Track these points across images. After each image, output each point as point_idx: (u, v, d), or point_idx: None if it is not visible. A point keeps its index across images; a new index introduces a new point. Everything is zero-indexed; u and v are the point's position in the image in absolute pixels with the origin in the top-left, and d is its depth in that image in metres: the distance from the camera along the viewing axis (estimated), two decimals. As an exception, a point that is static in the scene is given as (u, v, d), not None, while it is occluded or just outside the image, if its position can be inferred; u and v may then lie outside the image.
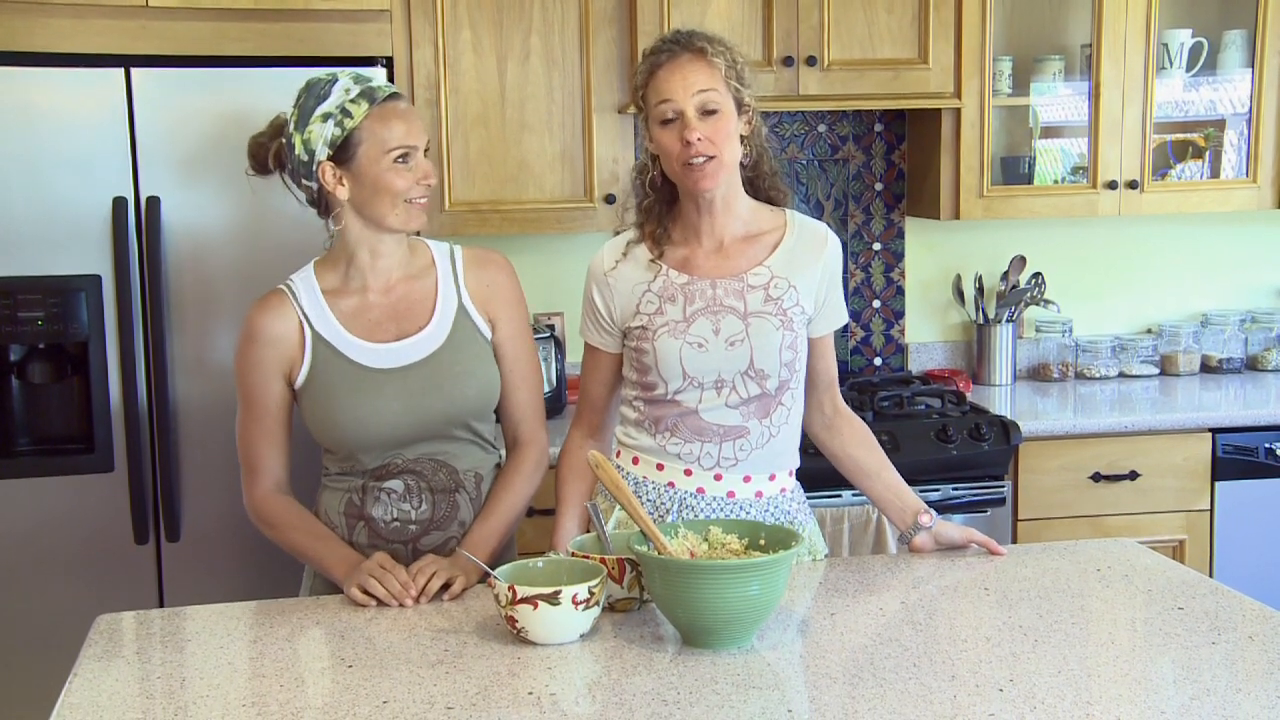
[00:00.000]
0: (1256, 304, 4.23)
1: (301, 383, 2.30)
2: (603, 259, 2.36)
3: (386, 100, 2.25)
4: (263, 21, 3.04)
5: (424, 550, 2.31)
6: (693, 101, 2.21)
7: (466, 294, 2.36)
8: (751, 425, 2.30)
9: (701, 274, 2.30)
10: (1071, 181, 3.88)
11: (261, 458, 2.33)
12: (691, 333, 2.27)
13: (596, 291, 2.36)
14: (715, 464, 2.30)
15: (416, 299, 2.34)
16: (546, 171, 3.47)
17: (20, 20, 2.93)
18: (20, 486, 2.96)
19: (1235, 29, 3.86)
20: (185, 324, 2.98)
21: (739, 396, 2.28)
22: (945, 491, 3.38)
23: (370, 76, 2.30)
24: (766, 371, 2.28)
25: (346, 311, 2.32)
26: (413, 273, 2.36)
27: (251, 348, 2.31)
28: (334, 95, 2.24)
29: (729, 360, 2.27)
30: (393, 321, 2.32)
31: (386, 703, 1.74)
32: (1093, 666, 1.84)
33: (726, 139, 2.23)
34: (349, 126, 2.23)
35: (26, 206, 2.89)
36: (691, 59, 2.23)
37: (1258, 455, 3.54)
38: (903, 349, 4.09)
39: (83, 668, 1.90)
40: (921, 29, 3.57)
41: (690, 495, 2.31)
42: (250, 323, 2.32)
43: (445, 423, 2.32)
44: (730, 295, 2.29)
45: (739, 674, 1.81)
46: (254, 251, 2.98)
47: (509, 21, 3.41)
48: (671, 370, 2.28)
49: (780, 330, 2.28)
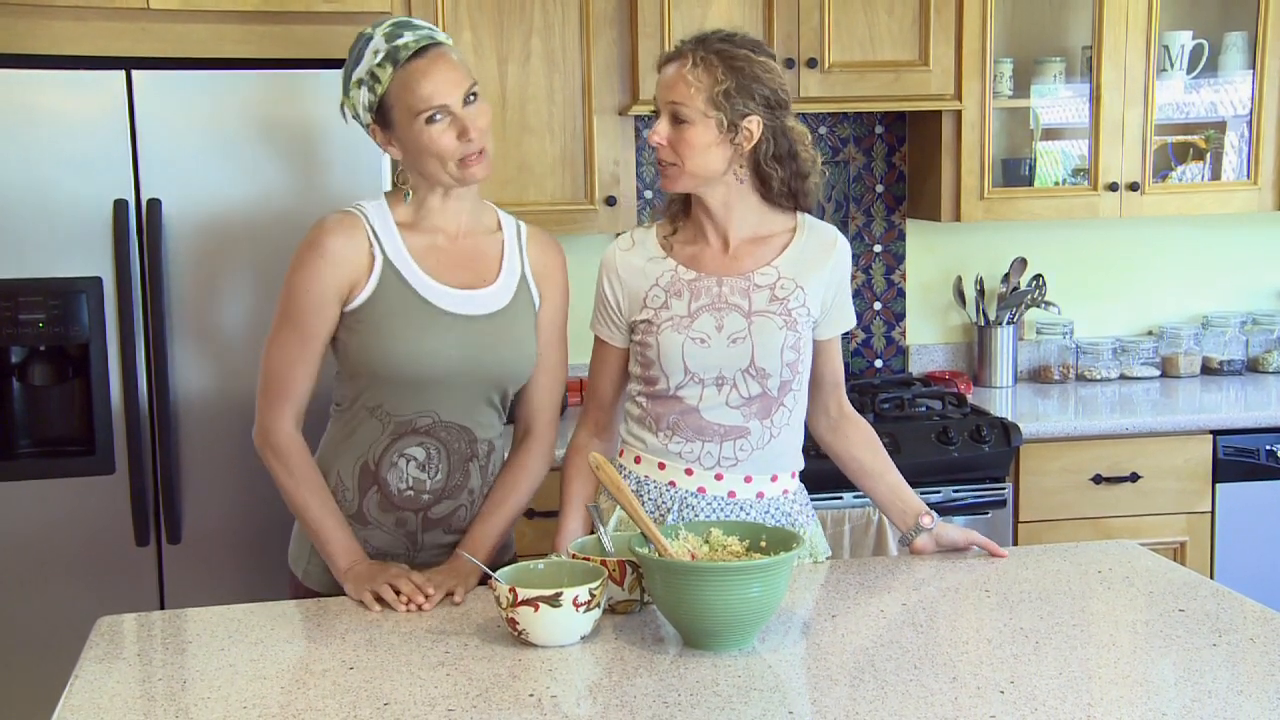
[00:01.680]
0: (1257, 306, 4.23)
1: (358, 305, 2.24)
2: (615, 251, 2.39)
3: (411, 59, 2.18)
4: (264, 24, 3.04)
5: (433, 519, 2.31)
6: (666, 108, 2.23)
7: (529, 264, 2.36)
8: (752, 425, 2.30)
9: (709, 271, 2.31)
10: (1072, 183, 3.88)
11: (294, 381, 2.26)
12: (695, 328, 2.28)
13: (607, 283, 2.38)
14: (716, 463, 2.31)
15: (484, 253, 2.33)
16: (547, 173, 3.47)
17: (21, 22, 2.93)
18: (21, 488, 2.95)
19: (1236, 31, 3.86)
20: (186, 326, 2.98)
21: (740, 395, 2.29)
22: (946, 493, 3.38)
23: (401, 28, 2.21)
24: (768, 370, 2.28)
25: (418, 247, 2.28)
26: (484, 226, 2.35)
27: (317, 263, 2.23)
28: (365, 59, 2.20)
29: (730, 357, 2.28)
30: (460, 268, 2.30)
31: (387, 704, 1.74)
32: (1094, 668, 1.84)
33: (690, 150, 2.22)
34: (379, 92, 2.19)
35: (27, 208, 2.89)
36: (681, 66, 2.22)
37: (1259, 457, 3.54)
38: (903, 351, 4.08)
39: (84, 670, 1.90)
40: (922, 31, 3.57)
41: (691, 495, 2.31)
42: (318, 238, 2.25)
43: (488, 384, 2.31)
44: (735, 293, 2.29)
45: (740, 676, 1.81)
46: (255, 253, 2.98)
47: (510, 23, 3.41)
48: (674, 365, 2.29)
49: (783, 330, 2.28)
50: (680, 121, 2.22)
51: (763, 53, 2.27)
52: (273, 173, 2.98)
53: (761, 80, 2.22)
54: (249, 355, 2.99)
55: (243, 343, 2.99)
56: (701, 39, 2.25)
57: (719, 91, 2.20)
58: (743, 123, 2.22)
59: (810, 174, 2.33)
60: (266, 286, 2.97)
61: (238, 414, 3.01)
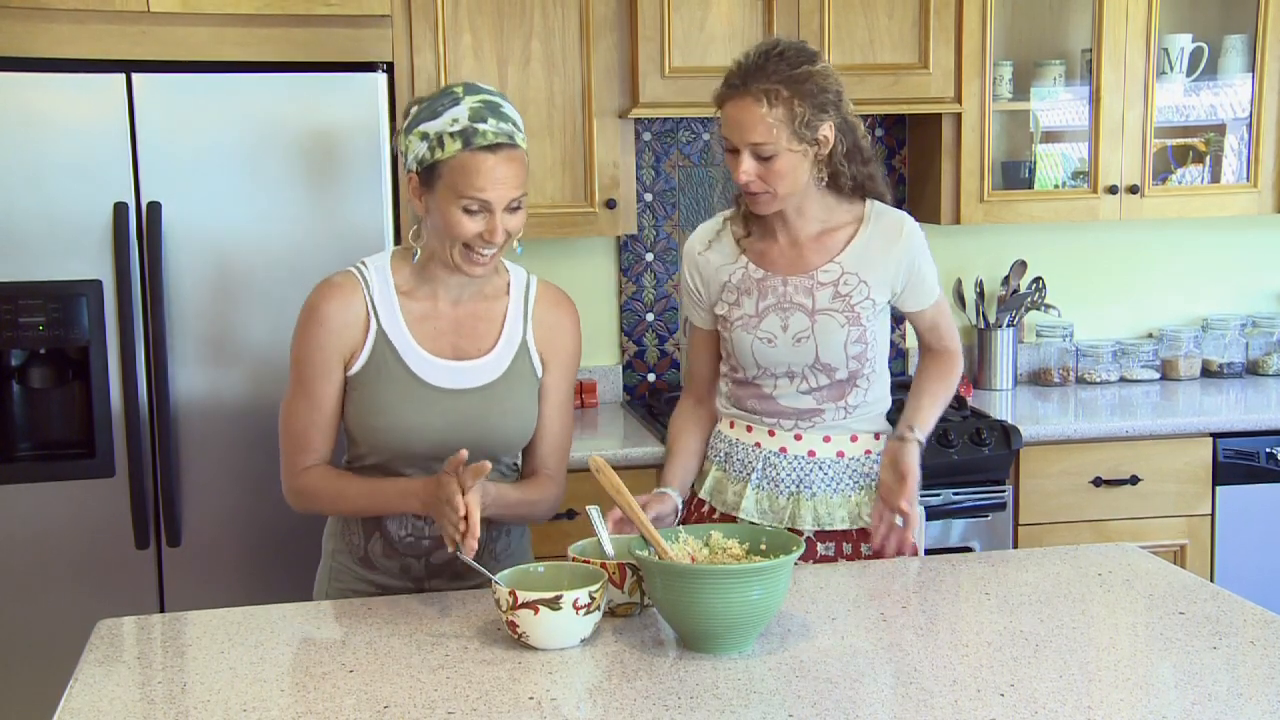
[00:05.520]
0: (1257, 308, 4.23)
1: (355, 373, 2.24)
2: (694, 243, 2.51)
3: (482, 149, 2.13)
4: (264, 26, 3.04)
5: (436, 564, 2.30)
6: (747, 148, 2.28)
7: (532, 331, 2.33)
8: (826, 408, 2.44)
9: (776, 269, 2.42)
10: (1072, 186, 3.88)
11: (311, 441, 2.26)
12: (762, 328, 2.41)
13: (689, 274, 2.51)
14: (794, 426, 2.45)
15: (483, 320, 2.30)
16: (547, 177, 3.47)
17: (21, 25, 2.93)
18: (21, 491, 2.96)
19: (1235, 34, 3.86)
20: (186, 329, 2.98)
21: (809, 384, 2.42)
22: (946, 496, 3.38)
23: (488, 111, 2.15)
24: (834, 365, 2.41)
25: (414, 315, 2.26)
26: (487, 292, 2.31)
27: (316, 331, 2.23)
28: (441, 120, 2.15)
29: (797, 355, 2.40)
30: (456, 335, 2.28)
31: (387, 707, 1.74)
32: (1094, 671, 1.84)
33: (780, 178, 2.30)
34: (438, 157, 2.15)
35: (28, 211, 2.89)
36: (752, 104, 2.26)
37: (1258, 460, 3.54)
38: (904, 354, 4.08)
39: (83, 673, 1.90)
40: (922, 33, 3.57)
41: (774, 454, 2.46)
42: (317, 306, 2.24)
43: (479, 452, 2.25)
44: (800, 292, 2.40)
45: (740, 679, 1.81)
46: (255, 256, 2.98)
47: (510, 26, 3.41)
48: (746, 360, 2.44)
49: (845, 327, 2.39)
50: (764, 158, 2.28)
51: (813, 58, 2.31)
52: (273, 176, 2.98)
53: (827, 89, 2.29)
54: (249, 358, 3.00)
55: (242, 345, 2.99)
56: (760, 66, 2.27)
57: (799, 123, 2.26)
58: (819, 134, 2.30)
59: (871, 160, 2.41)
60: (266, 289, 2.97)
61: (237, 417, 3.01)
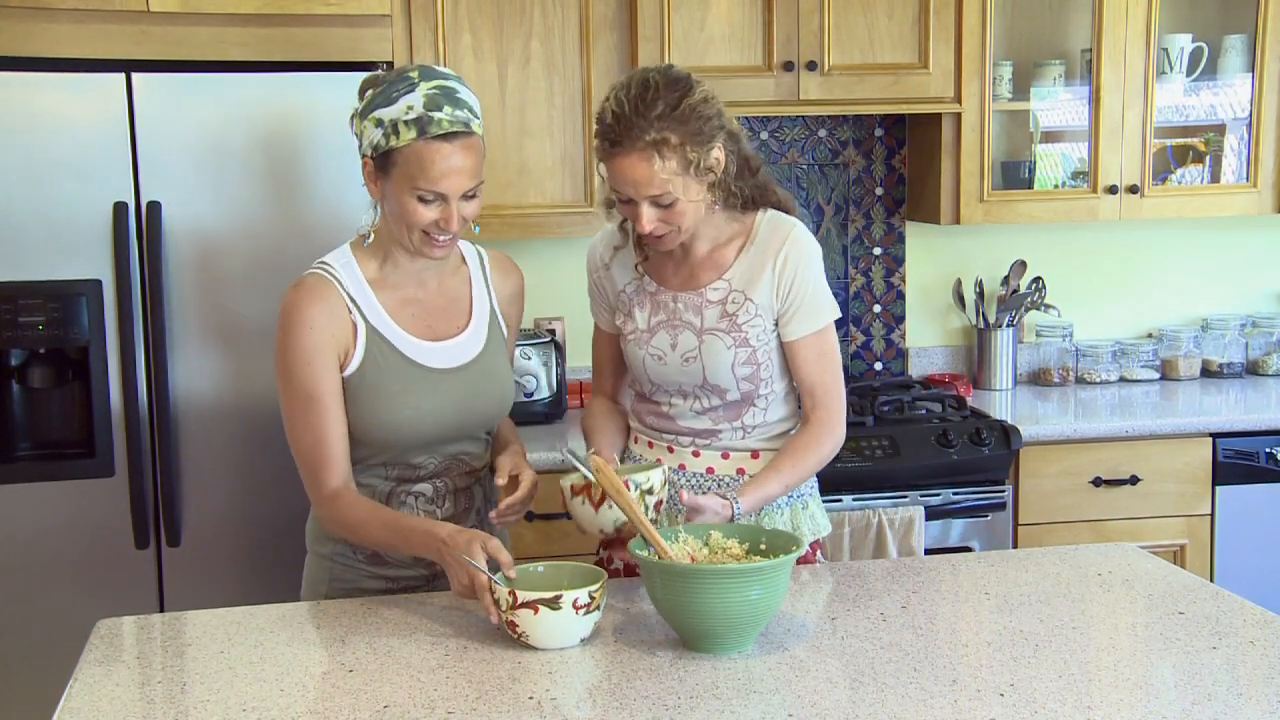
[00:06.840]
0: (1257, 308, 4.23)
1: (350, 374, 2.21)
2: (597, 252, 2.43)
3: (437, 138, 2.11)
4: (263, 26, 3.04)
5: None
6: (647, 200, 2.16)
7: (495, 297, 2.37)
8: (722, 428, 2.35)
9: (669, 286, 2.34)
10: (1072, 186, 3.88)
11: (333, 453, 2.19)
12: (653, 345, 2.33)
13: (593, 279, 2.44)
14: (692, 444, 2.36)
15: (453, 297, 2.33)
16: (546, 176, 3.47)
17: (21, 25, 2.93)
18: (21, 491, 2.95)
19: (1235, 34, 3.86)
20: (186, 328, 2.98)
21: (703, 405, 2.34)
22: (946, 496, 3.38)
23: (444, 99, 2.12)
24: (723, 386, 2.31)
25: (391, 304, 2.25)
26: (447, 270, 2.33)
27: (307, 335, 2.17)
28: (396, 107, 2.12)
29: (685, 375, 2.31)
30: (432, 317, 2.29)
31: (387, 707, 1.74)
32: (1093, 671, 1.84)
33: (682, 216, 2.19)
34: (393, 144, 2.12)
35: (27, 211, 2.89)
36: (640, 162, 2.12)
37: (1258, 460, 3.54)
38: (903, 354, 4.08)
39: (83, 672, 1.90)
40: (922, 33, 3.57)
41: (673, 471, 2.34)
42: (298, 311, 2.18)
43: (481, 423, 2.33)
44: (689, 310, 2.31)
45: (740, 679, 1.81)
46: (255, 256, 2.98)
47: (509, 26, 3.41)
48: (640, 375, 2.37)
49: (732, 349, 2.28)
50: (663, 206, 2.17)
51: (688, 86, 2.16)
52: (272, 175, 2.98)
53: (708, 116, 2.16)
54: (248, 357, 3.00)
55: (242, 345, 2.99)
56: (640, 114, 2.11)
57: (694, 167, 2.15)
58: (711, 161, 2.18)
59: (760, 167, 2.31)
60: (265, 288, 2.96)
61: (237, 417, 3.01)
